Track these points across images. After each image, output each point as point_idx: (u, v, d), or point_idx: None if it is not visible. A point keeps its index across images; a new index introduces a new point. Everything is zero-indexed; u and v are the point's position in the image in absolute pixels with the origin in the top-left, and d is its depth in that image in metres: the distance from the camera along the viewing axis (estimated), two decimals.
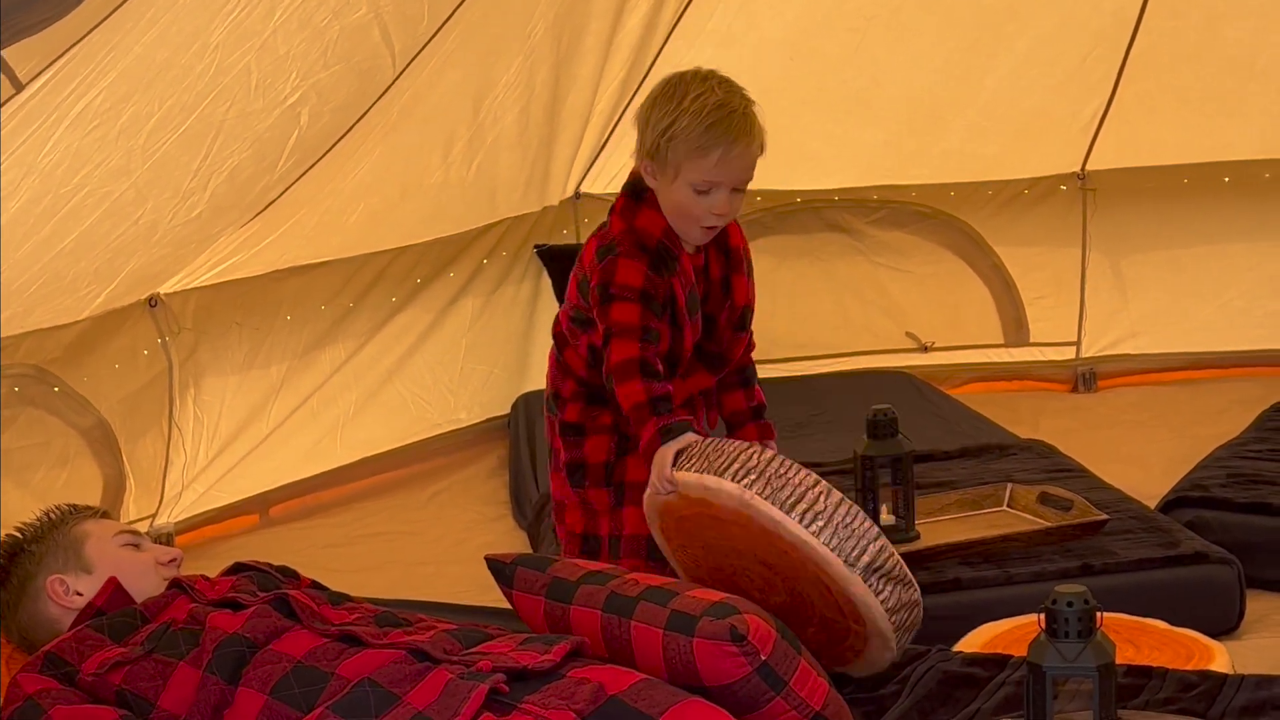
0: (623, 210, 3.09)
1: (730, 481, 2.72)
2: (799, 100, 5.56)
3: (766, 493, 2.69)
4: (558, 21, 4.87)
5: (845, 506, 2.70)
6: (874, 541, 2.70)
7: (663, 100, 2.99)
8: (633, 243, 3.03)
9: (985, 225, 5.85)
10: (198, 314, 4.64)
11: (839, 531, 2.68)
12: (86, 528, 2.97)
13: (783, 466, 2.73)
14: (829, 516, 2.68)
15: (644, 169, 3.05)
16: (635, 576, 2.72)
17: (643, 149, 3.03)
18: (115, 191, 3.65)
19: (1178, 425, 5.34)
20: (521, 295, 5.58)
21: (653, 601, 2.61)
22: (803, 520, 2.67)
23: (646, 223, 3.06)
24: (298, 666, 2.56)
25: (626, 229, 3.05)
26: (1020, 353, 5.94)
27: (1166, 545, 3.65)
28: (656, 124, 2.98)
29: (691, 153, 2.96)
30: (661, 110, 2.98)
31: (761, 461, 2.74)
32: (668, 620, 2.55)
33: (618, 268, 3.01)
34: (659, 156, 2.99)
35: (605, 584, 2.71)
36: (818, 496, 2.70)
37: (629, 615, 2.61)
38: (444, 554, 4.56)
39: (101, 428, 4.37)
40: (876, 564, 2.69)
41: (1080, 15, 5.40)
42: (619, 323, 3.00)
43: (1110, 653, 2.51)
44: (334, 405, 5.10)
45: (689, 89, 2.98)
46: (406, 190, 4.98)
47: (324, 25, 3.70)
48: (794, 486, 2.70)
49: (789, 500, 2.69)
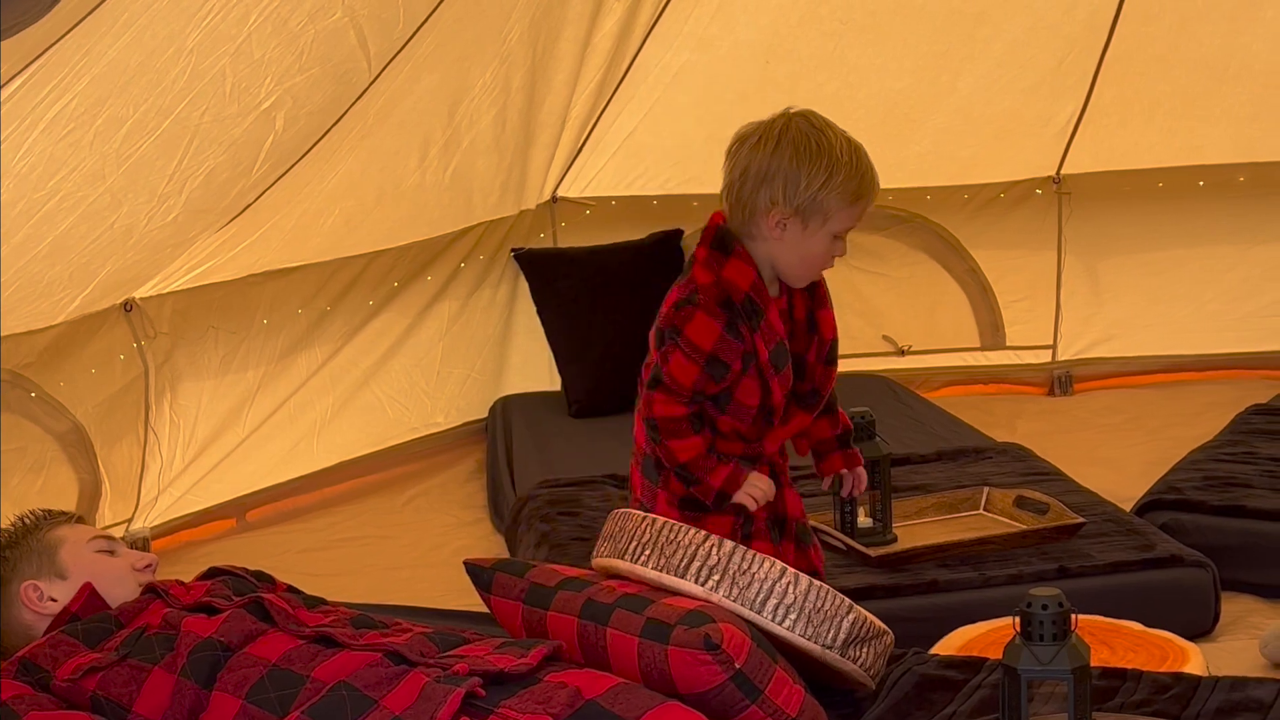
0: (707, 262, 3.03)
1: (692, 583, 2.66)
2: (774, 104, 5.52)
3: (733, 594, 2.63)
4: (533, 25, 4.87)
5: (815, 591, 2.65)
6: (847, 616, 2.66)
7: (809, 154, 2.97)
8: (716, 297, 2.99)
9: (961, 229, 5.86)
10: (174, 318, 4.63)
11: (812, 619, 2.64)
12: (61, 533, 2.96)
13: (745, 560, 2.66)
14: (800, 607, 2.63)
15: (775, 222, 3.00)
16: (612, 584, 2.72)
17: (786, 204, 2.97)
18: (90, 196, 3.64)
19: (1153, 428, 5.36)
20: (499, 299, 5.58)
21: (628, 609, 2.61)
22: (775, 616, 2.63)
23: (735, 275, 3.01)
24: (273, 669, 2.55)
25: (713, 281, 3.01)
26: (996, 356, 5.95)
27: (1142, 548, 3.66)
28: (811, 178, 2.96)
29: (845, 201, 2.99)
30: (814, 165, 2.96)
31: (722, 556, 2.66)
32: (643, 628, 2.55)
33: (693, 320, 2.99)
34: (809, 208, 2.97)
35: (582, 590, 2.71)
36: (786, 588, 2.64)
37: (605, 622, 2.61)
38: (421, 558, 4.55)
39: (77, 432, 4.36)
40: (852, 636, 2.67)
41: (1055, 20, 5.42)
42: (674, 377, 3.00)
43: (1085, 655, 2.52)
44: (311, 409, 5.09)
45: (830, 139, 3.00)
46: (383, 194, 4.98)
47: (299, 29, 3.69)
48: (760, 581, 2.64)
49: (757, 598, 2.63)
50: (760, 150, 2.98)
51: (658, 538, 2.73)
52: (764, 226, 3.00)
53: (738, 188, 3.01)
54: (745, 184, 2.99)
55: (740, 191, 3.00)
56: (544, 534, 4.02)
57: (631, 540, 2.77)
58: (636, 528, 2.78)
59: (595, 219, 5.69)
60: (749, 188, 2.99)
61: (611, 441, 4.99)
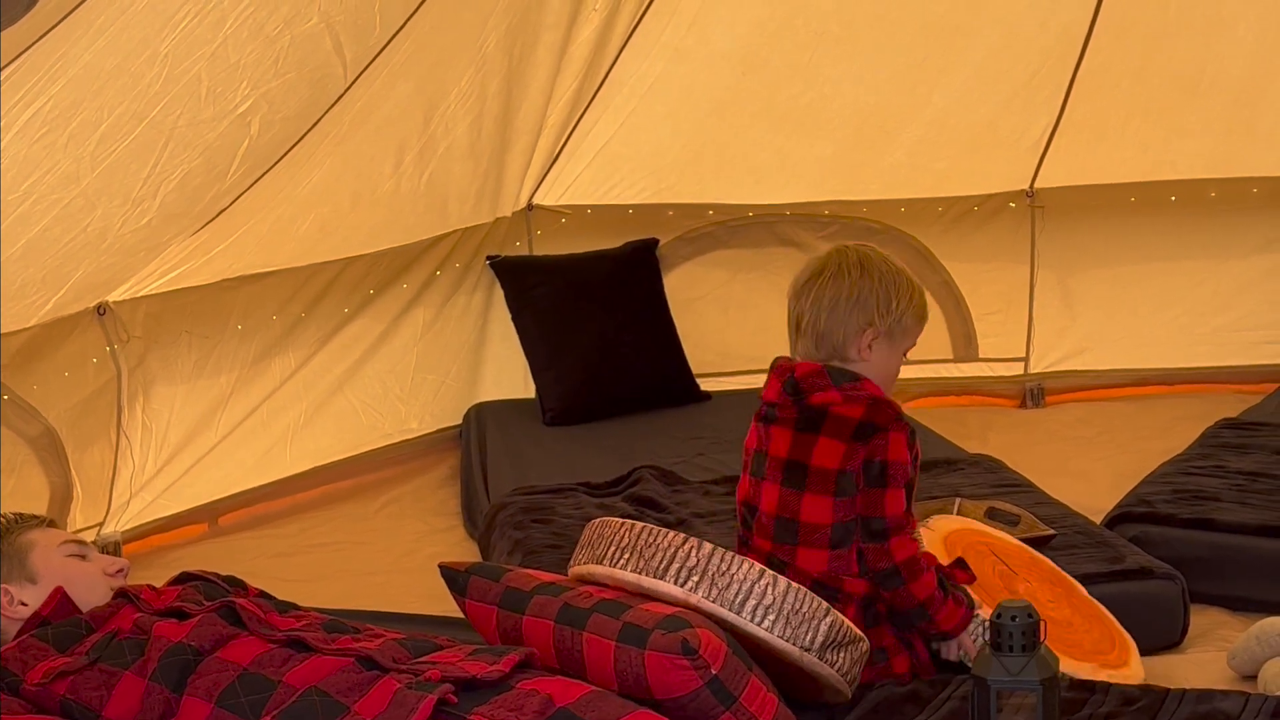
0: (850, 389, 3.02)
1: (671, 585, 2.68)
2: (750, 114, 5.58)
3: (712, 594, 2.66)
4: (510, 33, 4.87)
5: (793, 593, 2.68)
6: (824, 619, 2.69)
7: (893, 282, 3.08)
8: (893, 412, 3.03)
9: (935, 241, 5.88)
10: (147, 322, 4.61)
11: (790, 620, 2.66)
12: (32, 537, 2.95)
13: (723, 561, 2.69)
14: (779, 608, 2.66)
15: (866, 343, 3.06)
16: (589, 589, 2.73)
17: (880, 322, 3.06)
18: (64, 198, 3.63)
19: (1123, 441, 5.38)
20: (474, 306, 5.57)
21: (605, 614, 2.61)
22: (754, 617, 2.65)
23: (878, 390, 3.05)
24: (244, 674, 2.55)
25: (880, 400, 3.03)
26: (969, 368, 5.97)
27: (1111, 560, 3.68)
28: (899, 297, 3.08)
29: (919, 320, 3.13)
30: (899, 286, 3.08)
31: (701, 558, 2.69)
32: (620, 632, 2.56)
33: (889, 444, 3.01)
34: (896, 327, 3.08)
35: (559, 595, 2.71)
36: (765, 589, 2.67)
37: (581, 627, 2.62)
38: (394, 564, 4.54)
39: (49, 436, 4.34)
40: (830, 639, 2.69)
41: (1028, 33, 5.45)
42: (896, 517, 3.00)
43: (1054, 667, 2.54)
44: (284, 414, 5.08)
45: (898, 268, 3.13)
46: (358, 200, 4.97)
47: (275, 34, 3.69)
48: (739, 582, 2.67)
49: (736, 598, 2.66)
50: (846, 279, 3.08)
51: (636, 541, 2.75)
52: (854, 349, 3.07)
53: (826, 317, 3.07)
54: (836, 311, 3.06)
55: (831, 320, 3.07)
56: (517, 541, 4.03)
57: (610, 546, 2.78)
58: (615, 534, 2.79)
59: (571, 227, 5.70)
60: (840, 314, 3.06)
61: (585, 450, 5.00)
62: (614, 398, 5.37)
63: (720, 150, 5.70)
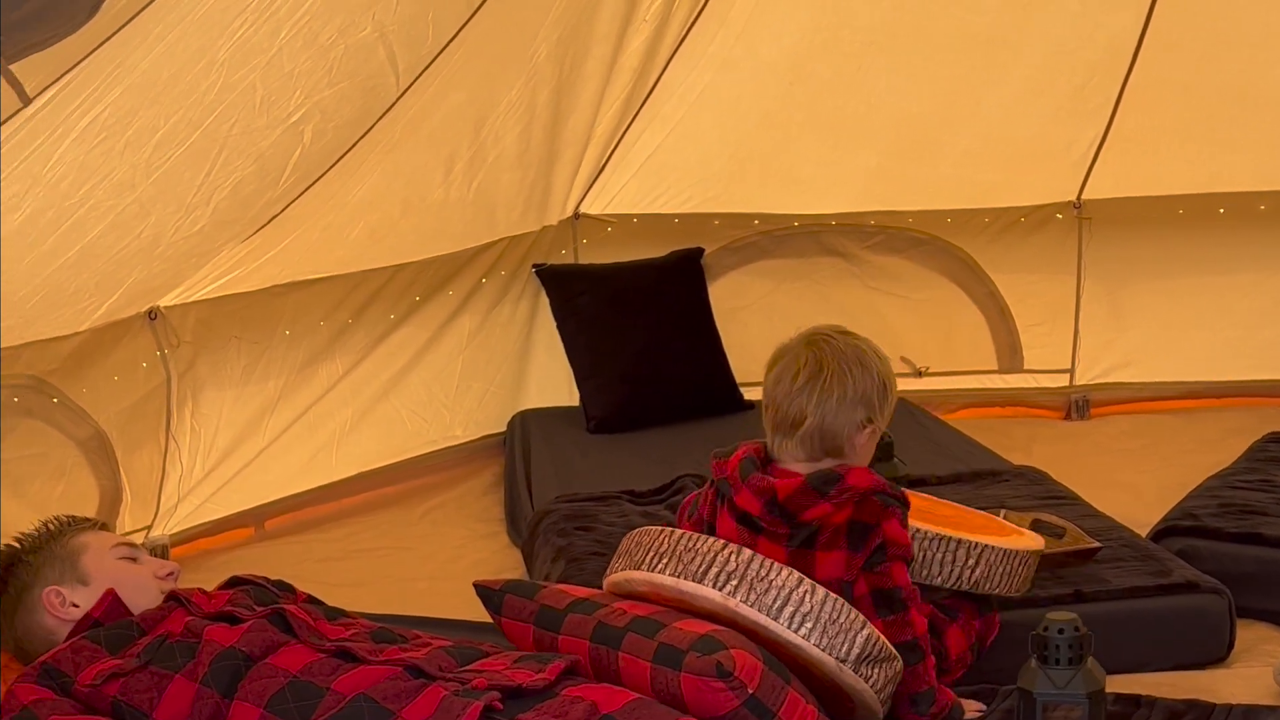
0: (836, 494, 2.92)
1: (710, 589, 2.68)
2: (797, 124, 5.59)
3: (751, 599, 2.66)
4: (561, 43, 4.89)
5: (830, 602, 2.67)
6: (861, 631, 2.68)
7: (883, 370, 3.04)
8: (877, 502, 2.93)
9: (981, 252, 5.87)
10: (197, 327, 4.64)
11: (827, 630, 2.66)
12: (84, 540, 2.98)
13: (763, 568, 2.69)
14: (816, 616, 2.65)
15: (864, 439, 3.00)
16: (622, 606, 2.73)
17: (876, 423, 3.01)
18: (119, 205, 3.65)
19: (1170, 454, 5.35)
20: (519, 314, 5.60)
21: (640, 633, 2.62)
22: (791, 624, 2.65)
23: (862, 480, 2.95)
24: (294, 681, 2.57)
25: (865, 491, 2.93)
26: (1014, 379, 5.96)
27: (1158, 574, 3.66)
28: (892, 390, 3.05)
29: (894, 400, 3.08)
30: (890, 378, 3.05)
31: (740, 563, 2.69)
32: (655, 653, 2.57)
33: (884, 530, 2.93)
34: (887, 416, 3.05)
35: (593, 613, 2.72)
36: (803, 596, 2.67)
37: (617, 646, 2.63)
38: (438, 570, 4.56)
39: (99, 439, 4.37)
40: (865, 653, 2.68)
41: (1077, 45, 5.43)
42: (909, 587, 2.94)
43: (1101, 680, 2.54)
44: (330, 420, 5.10)
45: (875, 348, 3.07)
46: (407, 208, 5.00)
47: (329, 43, 3.71)
48: (778, 589, 2.67)
49: (774, 604, 2.65)
50: (848, 377, 2.99)
51: (675, 547, 2.76)
52: (850, 445, 3.00)
53: (831, 419, 2.98)
54: (841, 412, 2.98)
55: (835, 421, 2.98)
56: (560, 548, 4.04)
57: (648, 552, 2.78)
58: (654, 541, 2.80)
59: (617, 236, 5.72)
60: (845, 414, 2.98)
61: (628, 457, 5.00)
62: (657, 406, 5.39)
63: (766, 160, 5.70)
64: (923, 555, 3.07)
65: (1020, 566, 3.14)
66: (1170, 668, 3.46)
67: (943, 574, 3.06)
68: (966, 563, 3.06)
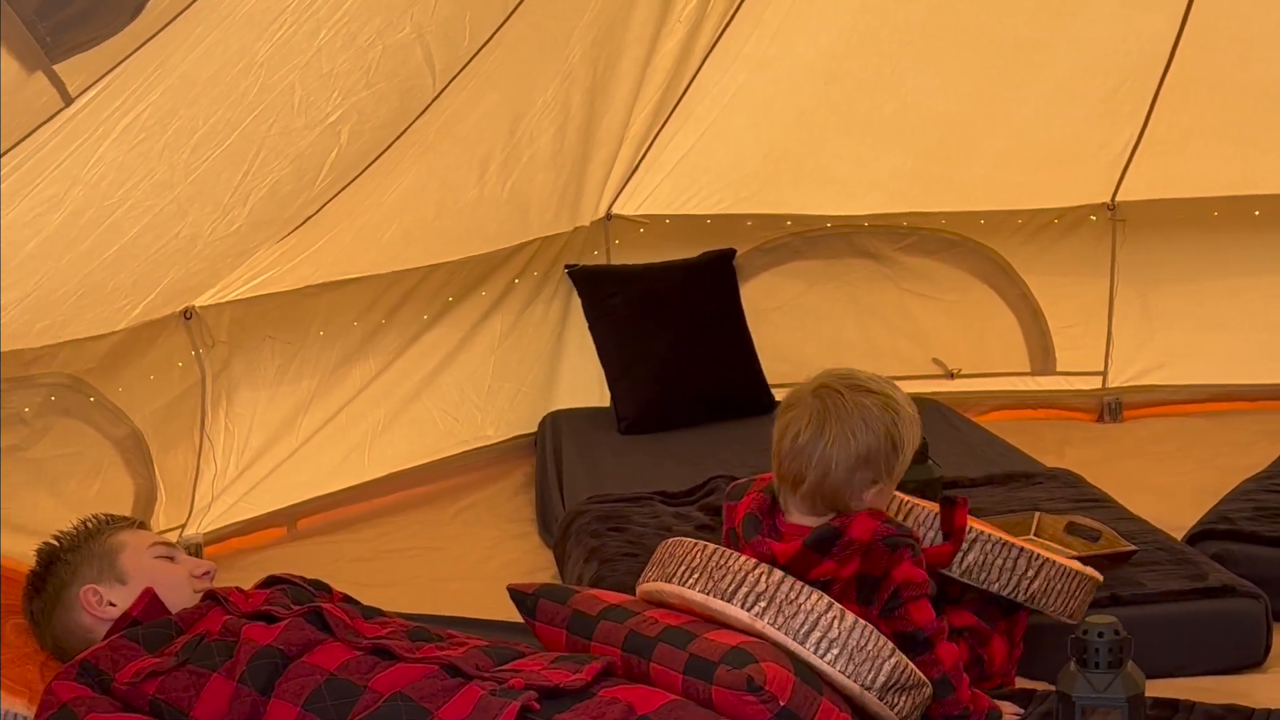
0: (839, 550, 2.84)
1: (738, 609, 2.65)
2: (830, 125, 5.59)
3: (778, 621, 2.63)
4: (595, 44, 4.89)
5: (859, 629, 2.64)
6: (889, 659, 2.65)
7: (894, 429, 2.87)
8: (883, 551, 2.84)
9: (1014, 254, 5.86)
10: (232, 327, 4.66)
11: (854, 657, 2.62)
12: (122, 538, 2.99)
13: (792, 590, 2.66)
14: (843, 643, 2.62)
15: (869, 498, 2.88)
16: (654, 614, 2.72)
17: (882, 483, 2.88)
18: (157, 205, 3.67)
19: (1204, 457, 5.33)
20: (551, 314, 5.60)
21: (671, 643, 2.61)
22: (818, 650, 2.62)
23: (864, 529, 2.85)
24: (330, 679, 2.58)
25: (870, 544, 2.83)
26: (1046, 381, 5.94)
27: (1194, 577, 3.65)
28: (906, 449, 2.90)
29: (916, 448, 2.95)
30: (905, 434, 2.89)
31: (770, 585, 2.66)
32: (686, 664, 2.56)
33: (895, 574, 2.84)
34: (894, 474, 2.90)
35: (624, 622, 2.72)
36: (831, 622, 2.63)
37: (648, 656, 2.62)
38: (469, 570, 4.57)
39: (134, 438, 4.39)
40: (892, 681, 2.65)
41: (1113, 46, 5.42)
42: (931, 624, 2.86)
43: (1140, 684, 2.53)
44: (363, 420, 5.12)
45: (889, 400, 2.89)
46: (442, 208, 5.01)
47: (368, 44, 3.72)
48: (806, 613, 2.63)
49: (802, 628, 2.63)
50: (853, 441, 2.84)
51: (707, 563, 2.74)
52: (855, 501, 2.89)
53: (831, 481, 2.86)
54: (842, 477, 2.86)
55: (835, 481, 2.86)
56: (593, 549, 4.04)
57: (681, 565, 2.77)
58: (687, 554, 2.79)
59: (649, 237, 5.72)
60: (845, 476, 2.86)
61: (659, 458, 5.01)
62: (689, 407, 5.38)
63: (800, 161, 5.70)
64: (983, 559, 3.05)
65: (1078, 589, 3.11)
66: (1206, 672, 3.44)
67: (1000, 580, 3.04)
68: (1026, 573, 3.04)
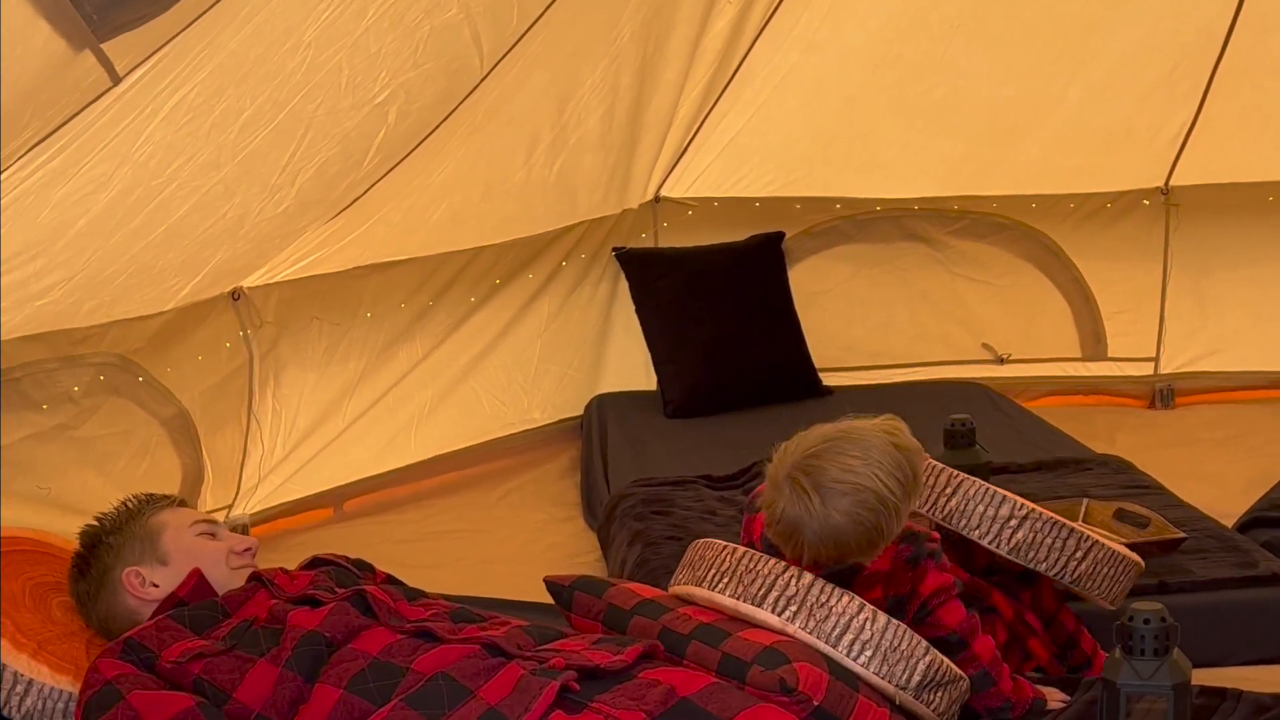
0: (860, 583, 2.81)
1: (769, 613, 2.64)
2: (881, 108, 5.55)
3: (810, 625, 2.62)
4: (645, 25, 4.87)
5: (892, 629, 2.62)
6: (923, 658, 2.63)
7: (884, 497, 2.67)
8: (907, 571, 2.83)
9: (1066, 238, 5.82)
10: (279, 308, 4.67)
11: (888, 658, 2.61)
12: (163, 518, 3.00)
13: (823, 593, 2.64)
14: (876, 645, 2.60)
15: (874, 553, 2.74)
16: (687, 611, 2.72)
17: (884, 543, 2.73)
18: (205, 185, 3.68)
19: (1256, 444, 5.29)
20: (599, 297, 5.60)
21: (704, 641, 2.61)
22: (850, 651, 2.60)
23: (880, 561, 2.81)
24: (374, 662, 2.59)
25: (891, 573, 2.82)
26: (1098, 367, 5.90)
27: (1244, 565, 3.62)
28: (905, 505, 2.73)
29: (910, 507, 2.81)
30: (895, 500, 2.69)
31: (800, 588, 2.64)
32: (719, 663, 2.56)
33: (919, 587, 2.83)
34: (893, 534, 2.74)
35: (658, 618, 2.71)
36: (863, 624, 2.61)
37: (681, 654, 2.62)
38: (514, 553, 4.57)
39: (182, 418, 4.41)
40: (927, 679, 2.64)
41: (1167, 29, 5.36)
42: (962, 623, 2.83)
43: (1186, 672, 2.50)
44: (409, 402, 5.12)
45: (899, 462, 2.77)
46: (489, 190, 5.00)
47: (415, 24, 3.72)
48: (838, 616, 2.61)
49: (834, 632, 2.61)
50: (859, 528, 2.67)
51: (737, 566, 2.72)
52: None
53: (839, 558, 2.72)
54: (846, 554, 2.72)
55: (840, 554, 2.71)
56: (637, 532, 4.04)
57: (711, 569, 2.76)
58: (717, 557, 2.78)
59: (697, 219, 5.70)
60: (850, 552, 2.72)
61: (705, 442, 4.99)
62: (735, 391, 5.37)
63: (849, 143, 5.67)
64: (1032, 537, 3.03)
65: (1122, 574, 3.09)
66: (1255, 661, 3.41)
67: (1049, 560, 3.02)
68: (1074, 554, 3.02)
